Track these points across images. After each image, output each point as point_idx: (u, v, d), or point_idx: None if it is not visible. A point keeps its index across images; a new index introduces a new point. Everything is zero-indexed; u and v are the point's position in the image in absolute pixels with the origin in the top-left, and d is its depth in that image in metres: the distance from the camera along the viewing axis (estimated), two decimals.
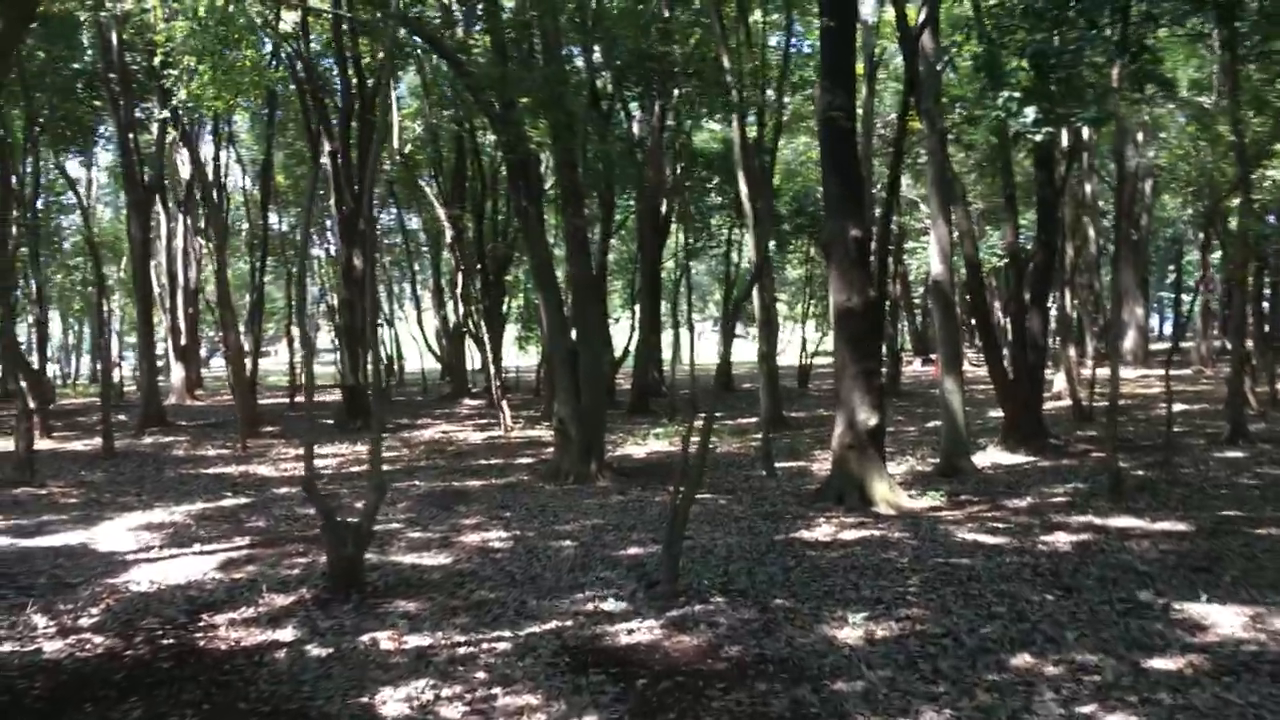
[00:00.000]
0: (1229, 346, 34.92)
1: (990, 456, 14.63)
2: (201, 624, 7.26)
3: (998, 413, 18.22)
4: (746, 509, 11.32)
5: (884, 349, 11.90)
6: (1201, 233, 40.26)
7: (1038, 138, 11.36)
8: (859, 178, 11.70)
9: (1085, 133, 19.33)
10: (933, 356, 34.91)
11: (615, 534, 10.10)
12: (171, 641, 6.87)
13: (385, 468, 15.78)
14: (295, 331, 30.29)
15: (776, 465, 14.46)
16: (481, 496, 12.60)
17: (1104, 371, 27.00)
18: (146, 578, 8.66)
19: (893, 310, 30.89)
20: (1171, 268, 55.95)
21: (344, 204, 22.57)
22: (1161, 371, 34.46)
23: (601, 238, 27.23)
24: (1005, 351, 16.22)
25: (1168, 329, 61.14)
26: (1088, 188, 25.31)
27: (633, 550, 9.28)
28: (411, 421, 24.52)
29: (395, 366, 43.82)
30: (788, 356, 46.48)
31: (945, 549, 8.97)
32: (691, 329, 27.13)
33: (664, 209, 27.66)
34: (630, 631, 6.81)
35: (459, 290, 24.24)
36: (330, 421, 23.29)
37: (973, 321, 36.99)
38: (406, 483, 13.90)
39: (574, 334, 14.23)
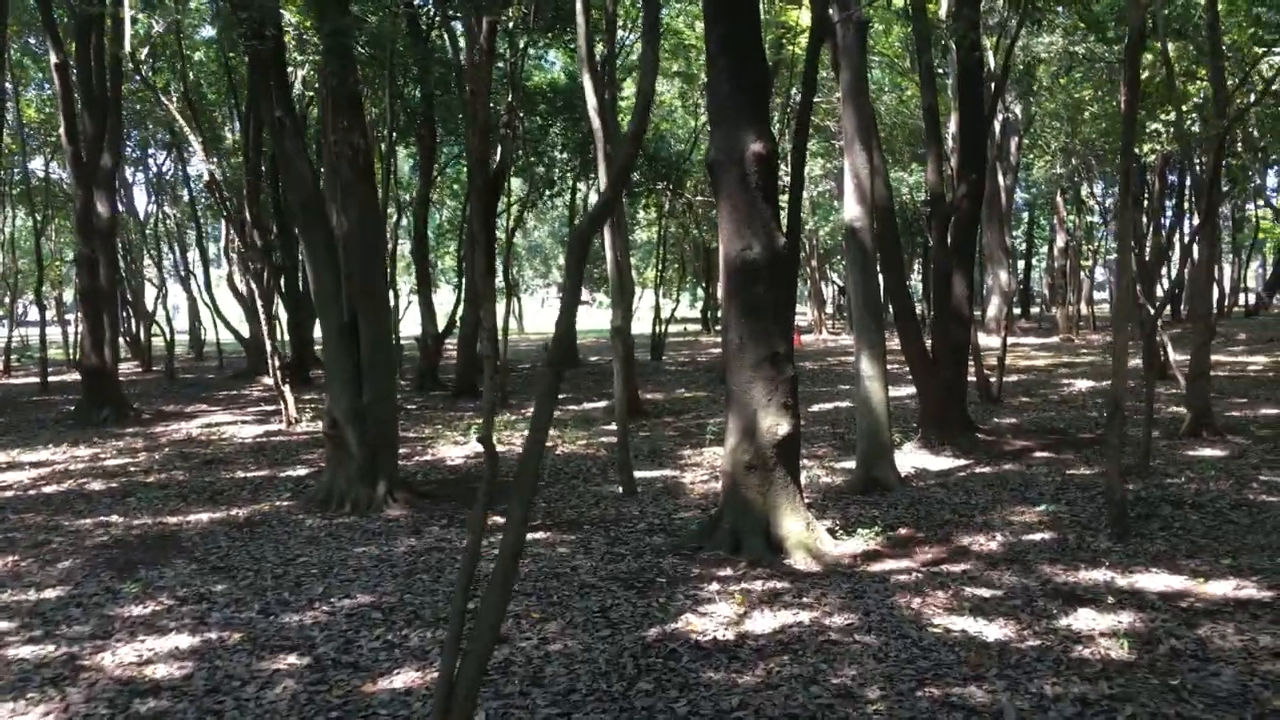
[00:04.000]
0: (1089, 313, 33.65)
1: (909, 458, 11.30)
2: None
3: (902, 392, 15.04)
4: (597, 562, 7.54)
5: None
6: (1060, 193, 38.87)
7: None
8: (762, 63, 7.98)
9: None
10: (799, 324, 32.11)
11: (386, 630, 6.15)
12: None
13: (95, 485, 11.37)
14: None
15: (637, 474, 10.77)
16: (199, 544, 8.38)
17: (989, 341, 24.49)
18: None
19: None
20: (1018, 233, 55.06)
21: (78, 134, 17.56)
22: (1035, 341, 32.70)
23: (422, 180, 22.96)
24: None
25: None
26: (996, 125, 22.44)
27: (407, 677, 5.38)
28: (180, 409, 19.76)
29: (192, 339, 38.23)
30: (638, 324, 43.08)
31: (925, 653, 5.41)
32: (511, 293, 23.05)
33: (497, 156, 23.55)
34: None
35: (237, 246, 19.44)
36: (66, 411, 18.37)
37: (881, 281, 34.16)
38: (102, 516, 9.54)
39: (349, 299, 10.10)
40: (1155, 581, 6.62)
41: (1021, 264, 52.26)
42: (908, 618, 6.02)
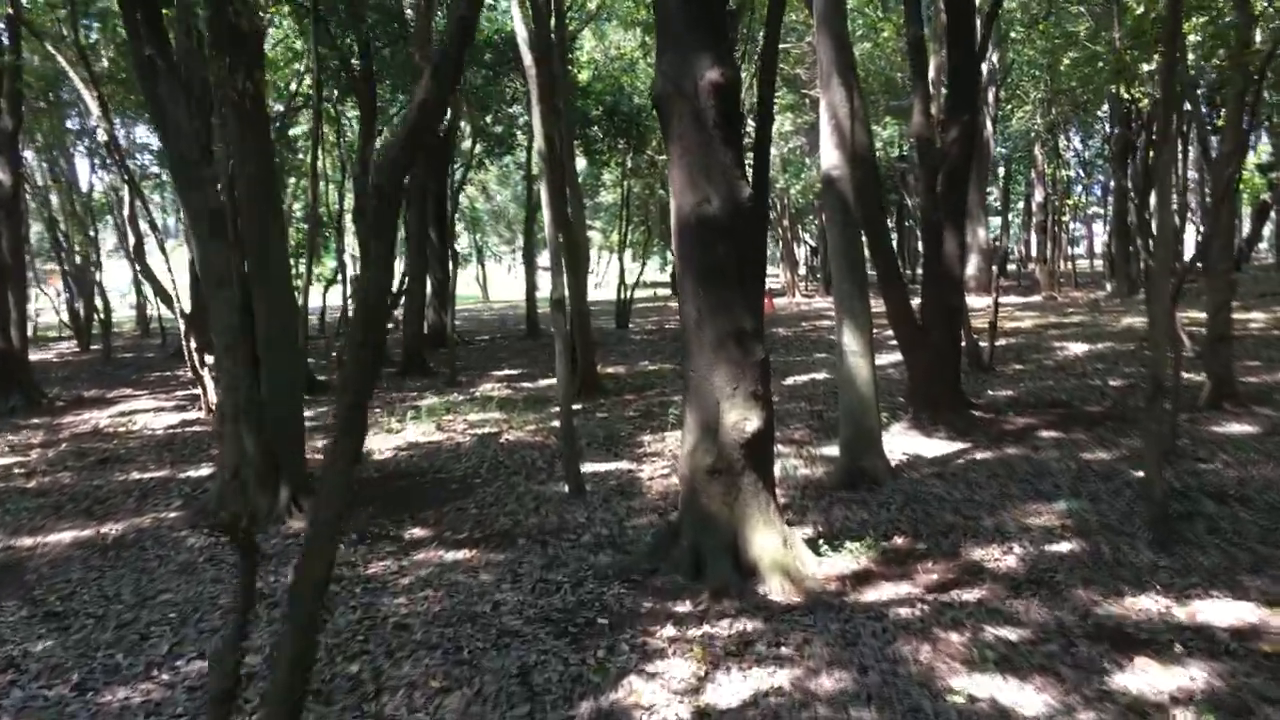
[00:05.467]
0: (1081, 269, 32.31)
1: (898, 441, 9.90)
2: None
3: (884, 360, 13.65)
4: (526, 595, 6.09)
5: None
6: (1040, 145, 37.52)
7: None
8: None
9: None
10: (771, 286, 30.79)
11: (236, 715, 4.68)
12: None
13: None
14: None
15: (586, 469, 9.34)
16: (45, 578, 6.84)
17: (972, 302, 23.14)
18: None
19: None
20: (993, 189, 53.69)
21: None
22: (1016, 300, 31.37)
23: (363, 139, 21.22)
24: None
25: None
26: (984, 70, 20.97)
27: None
28: (102, 394, 18.12)
29: (139, 316, 36.32)
30: (605, 290, 41.53)
31: None
32: (452, 258, 21.56)
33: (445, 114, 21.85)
34: None
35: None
36: None
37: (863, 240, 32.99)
38: None
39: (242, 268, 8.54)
40: (1221, 612, 5.26)
41: (997, 220, 51.02)
42: (916, 677, 4.62)
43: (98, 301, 29.58)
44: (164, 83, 8.32)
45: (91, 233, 33.43)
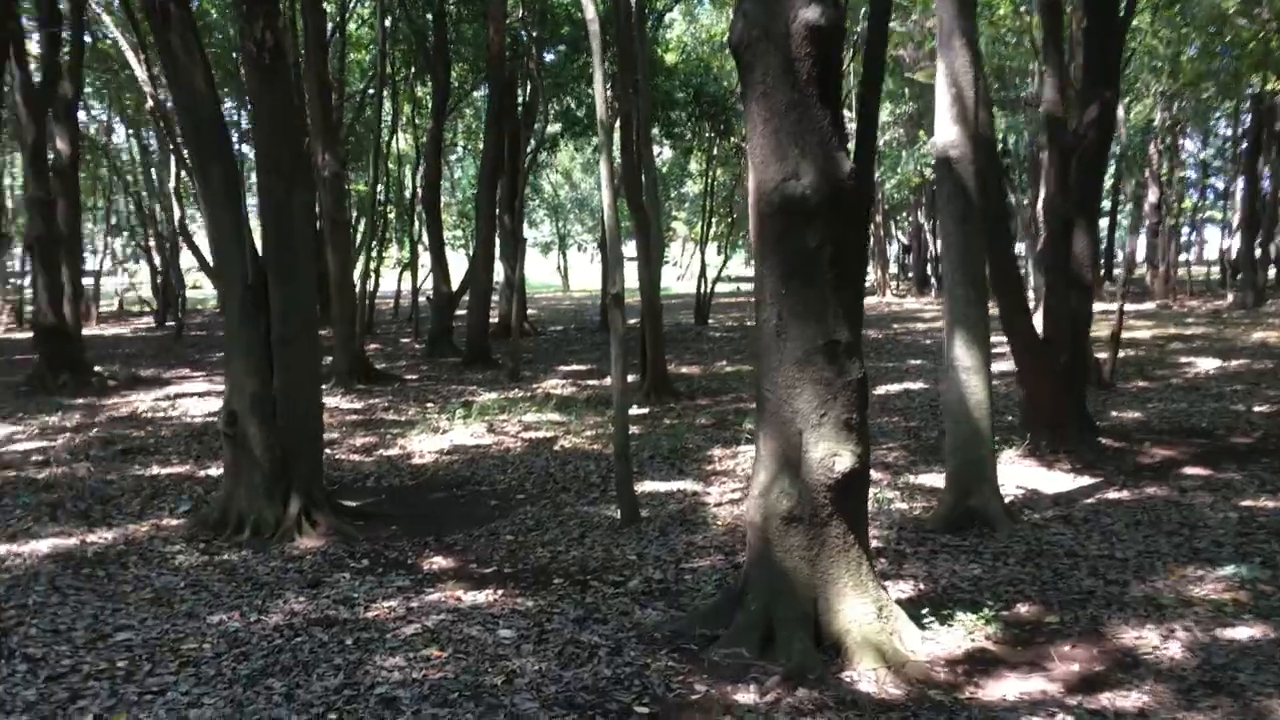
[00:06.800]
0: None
1: (1013, 473, 8.42)
2: None
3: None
4: (550, 662, 4.85)
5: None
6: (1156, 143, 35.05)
7: None
8: None
9: None
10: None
11: None
12: None
13: None
14: None
15: (645, 489, 8.11)
16: (13, 593, 5.83)
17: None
18: None
19: None
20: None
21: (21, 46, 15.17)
22: (1129, 307, 29.09)
23: (435, 118, 20.31)
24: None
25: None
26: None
27: None
28: (158, 374, 17.50)
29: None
30: (687, 283, 40.22)
31: None
32: (517, 244, 20.63)
33: (519, 94, 20.84)
34: None
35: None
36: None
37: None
38: None
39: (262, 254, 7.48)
40: None
41: (1105, 222, 48.33)
42: None
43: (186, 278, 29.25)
44: (177, 33, 7.28)
45: (176, 209, 33.24)
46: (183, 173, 14.64)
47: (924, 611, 5.24)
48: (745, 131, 5.11)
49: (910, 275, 44.03)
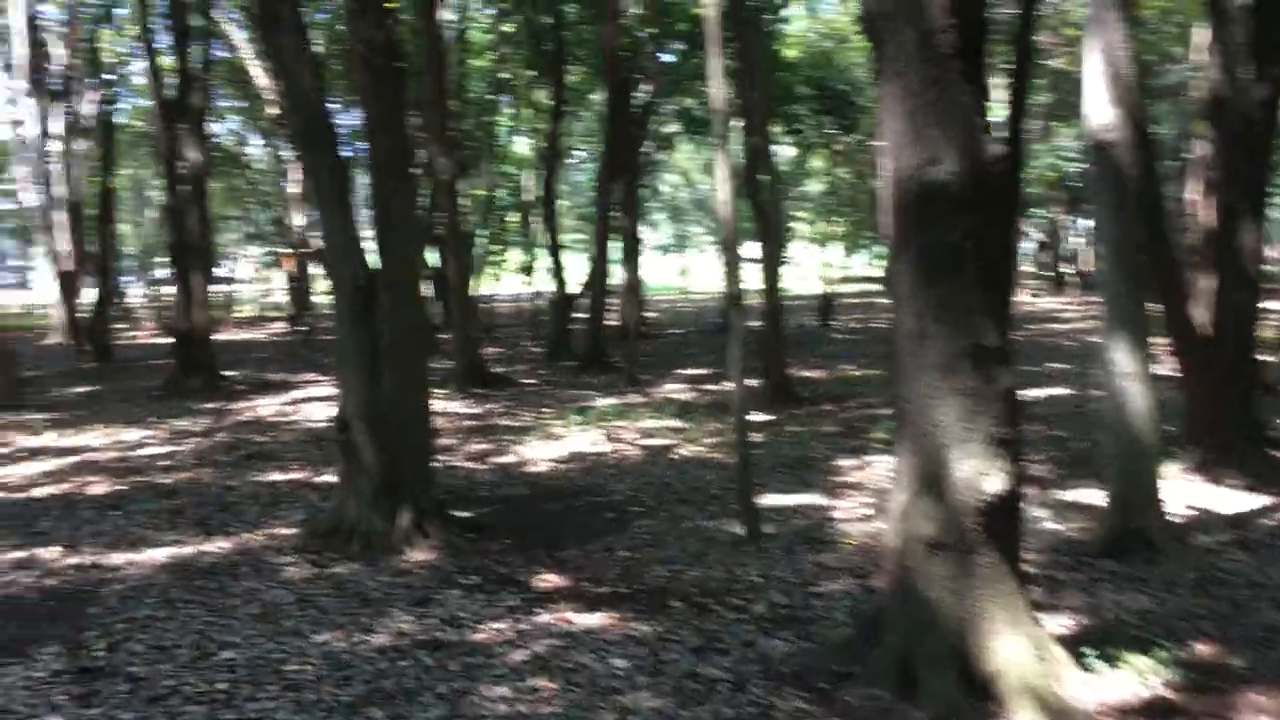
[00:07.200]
0: None
1: (1178, 490, 7.61)
2: None
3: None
4: (666, 699, 4.44)
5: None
6: None
7: None
8: None
9: None
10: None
11: None
12: None
13: (95, 488, 9.09)
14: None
15: (768, 502, 7.66)
16: (106, 615, 5.71)
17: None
18: None
19: None
20: None
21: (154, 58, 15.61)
22: (1274, 305, 27.20)
23: (552, 120, 20.23)
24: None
25: None
26: None
27: None
28: (286, 378, 17.80)
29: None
30: (807, 284, 39.41)
31: None
32: (633, 247, 20.23)
33: (636, 94, 20.51)
34: None
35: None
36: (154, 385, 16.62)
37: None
38: (39, 548, 7.10)
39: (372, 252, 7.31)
40: None
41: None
42: None
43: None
44: (287, 35, 7.15)
45: (301, 215, 34.19)
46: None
47: (1086, 650, 4.64)
48: (879, 114, 4.61)
49: (1049, 273, 42.20)
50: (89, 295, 22.37)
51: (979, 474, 4.32)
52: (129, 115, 31.17)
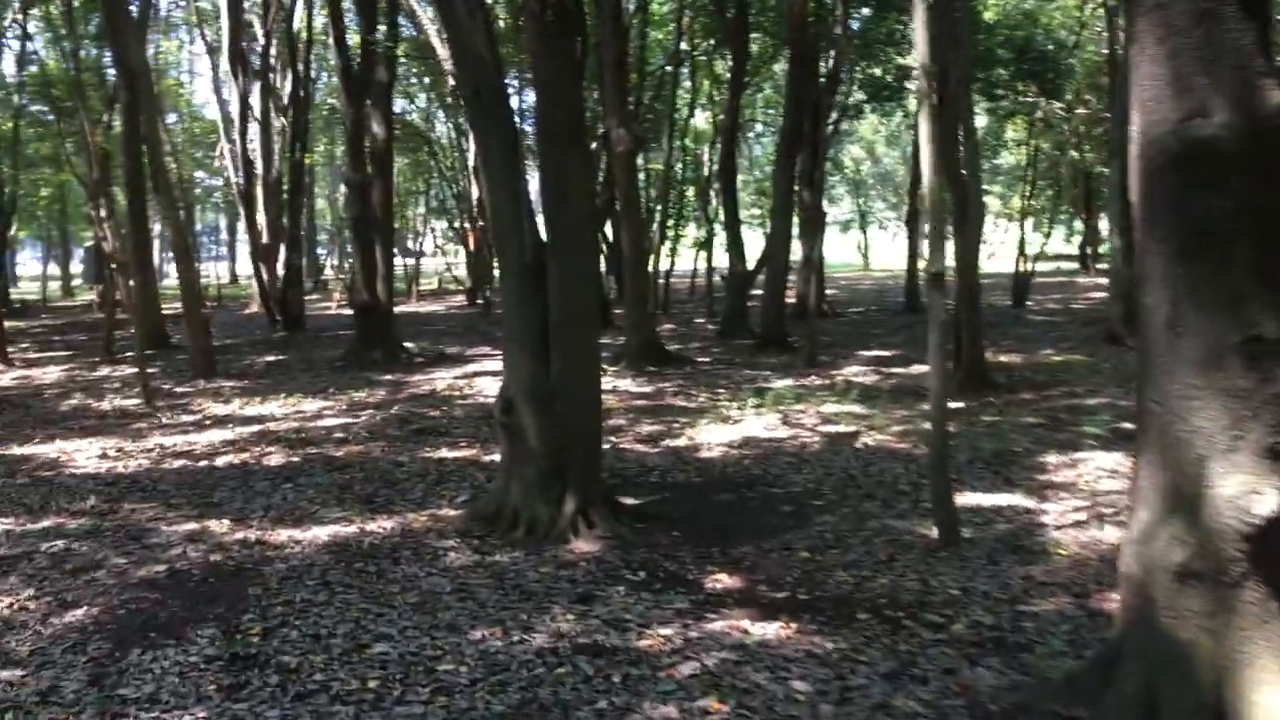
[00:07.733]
0: None
1: None
2: None
3: None
4: None
5: None
6: None
7: None
8: None
9: None
10: None
11: None
12: None
13: (272, 459, 9.19)
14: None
15: (965, 500, 6.93)
16: (265, 596, 5.56)
17: None
18: None
19: None
20: None
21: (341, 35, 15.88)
22: None
23: (731, 92, 19.63)
24: None
25: None
26: None
27: None
28: (463, 351, 18.00)
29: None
30: (997, 263, 37.45)
31: None
32: (816, 219, 19.36)
33: (820, 63, 19.61)
34: None
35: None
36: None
37: None
38: (213, 519, 7.13)
39: (541, 230, 6.96)
40: None
41: None
42: None
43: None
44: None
45: (477, 188, 34.66)
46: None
47: None
48: (1131, 57, 3.86)
49: None
50: (283, 268, 23.25)
51: (1246, 491, 3.54)
52: (323, 93, 32.41)
